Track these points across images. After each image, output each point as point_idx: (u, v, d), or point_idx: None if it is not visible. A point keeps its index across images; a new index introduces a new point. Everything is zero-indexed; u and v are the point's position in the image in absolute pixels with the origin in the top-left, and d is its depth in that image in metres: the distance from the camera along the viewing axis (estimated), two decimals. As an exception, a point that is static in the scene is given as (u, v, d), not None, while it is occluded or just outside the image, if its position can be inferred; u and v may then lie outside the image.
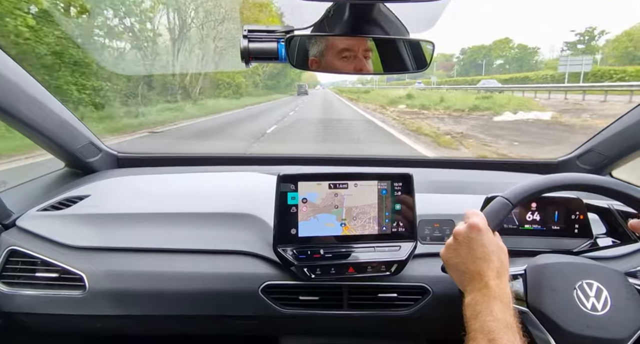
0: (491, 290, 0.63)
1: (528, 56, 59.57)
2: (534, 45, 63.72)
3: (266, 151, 6.70)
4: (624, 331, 0.69)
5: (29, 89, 1.01)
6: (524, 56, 59.61)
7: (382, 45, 0.75)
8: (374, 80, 52.62)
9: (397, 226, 0.93)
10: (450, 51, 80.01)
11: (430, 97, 18.24)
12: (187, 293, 0.94)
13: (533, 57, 59.27)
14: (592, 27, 48.57)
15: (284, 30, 0.73)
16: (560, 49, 58.31)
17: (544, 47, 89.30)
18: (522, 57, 59.41)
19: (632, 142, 1.15)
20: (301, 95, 31.87)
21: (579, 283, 0.73)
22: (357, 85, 60.89)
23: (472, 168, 1.43)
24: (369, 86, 50.27)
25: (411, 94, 20.45)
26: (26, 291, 0.94)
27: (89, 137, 1.26)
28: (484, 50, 62.87)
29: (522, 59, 59.06)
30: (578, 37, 50.13)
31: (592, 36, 48.83)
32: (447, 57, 70.29)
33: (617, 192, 0.74)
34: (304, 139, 8.34)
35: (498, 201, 0.75)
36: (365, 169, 1.27)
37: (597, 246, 0.91)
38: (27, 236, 0.98)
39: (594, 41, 48.43)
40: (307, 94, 33.31)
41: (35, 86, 1.03)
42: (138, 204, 1.09)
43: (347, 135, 8.92)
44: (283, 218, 0.89)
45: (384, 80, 44.73)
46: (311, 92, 40.98)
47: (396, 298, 0.93)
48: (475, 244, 0.68)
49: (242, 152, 4.80)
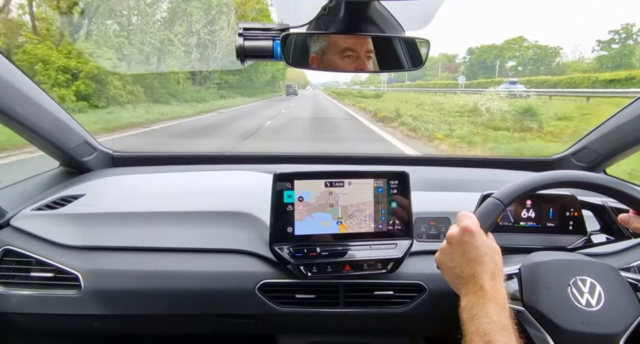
0: (486, 292, 0.64)
1: (549, 57, 52.28)
2: (556, 45, 55.63)
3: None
4: (618, 325, 0.70)
5: (24, 87, 1.00)
6: (545, 57, 52.32)
7: (377, 43, 0.75)
8: (375, 81, 48.30)
9: (393, 223, 0.93)
10: (453, 51, 72.53)
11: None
12: (183, 292, 0.94)
13: (554, 58, 51.84)
14: (630, 24, 40.19)
15: (280, 28, 0.73)
16: (584, 49, 50.78)
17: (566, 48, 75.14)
18: (543, 58, 52.25)
19: (626, 140, 1.16)
20: (290, 95, 30.11)
21: (573, 280, 0.74)
22: (354, 86, 55.73)
23: (468, 166, 1.44)
24: (372, 88, 44.32)
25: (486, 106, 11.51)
26: (21, 291, 0.93)
27: (83, 136, 1.25)
28: (495, 50, 56.15)
29: (541, 60, 52.10)
30: (612, 35, 41.76)
31: (630, 34, 40.92)
32: (449, 58, 64.70)
33: (605, 187, 0.75)
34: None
35: (490, 202, 0.75)
36: (362, 167, 1.28)
37: (591, 242, 0.92)
38: (22, 235, 0.98)
39: (631, 40, 40.72)
40: (296, 95, 31.37)
41: (29, 85, 1.02)
42: (133, 203, 1.09)
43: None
44: (279, 216, 0.89)
45: (384, 82, 39.91)
46: (301, 94, 37.03)
47: (392, 295, 0.94)
48: (468, 247, 0.69)
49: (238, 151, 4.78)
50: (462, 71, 57.47)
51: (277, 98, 27.87)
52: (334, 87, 58.18)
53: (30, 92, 1.03)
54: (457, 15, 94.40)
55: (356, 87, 55.21)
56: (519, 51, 54.40)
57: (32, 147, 1.19)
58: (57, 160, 1.32)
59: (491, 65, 55.60)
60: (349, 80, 56.02)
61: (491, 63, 55.84)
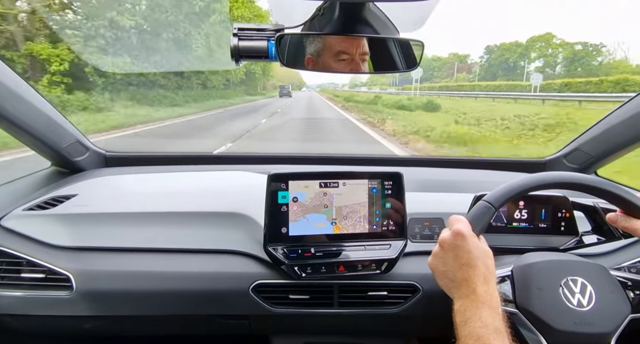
0: (479, 296, 0.64)
1: (589, 56, 44.52)
2: (599, 42, 46.60)
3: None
4: (609, 324, 0.71)
5: (14, 86, 0.99)
6: (585, 56, 44.71)
7: (372, 44, 0.76)
8: (378, 82, 44.69)
9: (388, 224, 0.93)
10: (465, 51, 66.93)
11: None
12: (176, 293, 0.93)
13: (595, 57, 43.65)
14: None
15: (274, 28, 0.73)
16: (630, 47, 40.99)
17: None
18: (583, 56, 44.65)
19: (616, 142, 1.18)
20: (284, 97, 30.23)
21: (564, 280, 0.74)
22: (358, 89, 49.26)
23: (462, 167, 1.45)
24: (375, 89, 37.63)
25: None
26: (11, 292, 0.92)
27: (76, 136, 1.24)
28: (519, 49, 48.55)
29: (581, 59, 44.76)
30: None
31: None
32: (461, 58, 59.06)
33: (594, 188, 0.76)
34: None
35: (481, 205, 0.76)
36: (356, 168, 1.28)
37: (582, 243, 0.93)
38: (12, 236, 0.96)
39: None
40: (290, 97, 31.35)
41: (20, 84, 1.01)
42: (126, 203, 1.08)
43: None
44: (273, 217, 0.89)
45: (390, 84, 34.66)
46: (295, 96, 35.80)
47: (386, 296, 0.94)
48: (460, 251, 0.69)
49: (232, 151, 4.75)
50: (479, 72, 51.03)
51: (255, 104, 20.24)
52: (331, 88, 51.20)
53: (21, 91, 1.01)
54: (468, 13, 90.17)
55: (362, 89, 48.31)
56: (548, 48, 46.04)
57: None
58: (49, 160, 1.30)
59: (514, 66, 48.73)
60: (348, 81, 50.62)
61: (513, 63, 48.94)
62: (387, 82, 33.77)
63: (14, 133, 1.07)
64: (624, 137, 1.15)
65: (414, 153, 6.68)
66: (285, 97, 30.15)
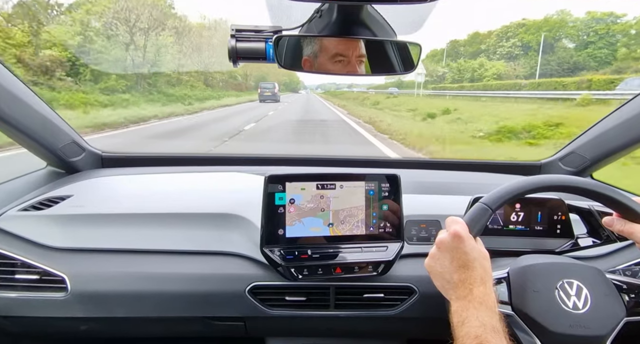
0: (476, 297, 0.64)
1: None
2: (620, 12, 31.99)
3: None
4: (604, 327, 0.71)
5: (10, 86, 0.98)
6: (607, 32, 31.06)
7: (369, 46, 0.76)
8: (380, 82, 39.95)
9: (385, 226, 0.93)
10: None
11: None
12: (172, 295, 0.93)
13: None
14: None
15: (272, 30, 0.73)
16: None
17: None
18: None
19: (612, 145, 1.18)
20: (270, 102, 19.41)
21: (560, 283, 0.75)
22: (371, 90, 38.76)
23: (458, 169, 1.45)
24: (394, 90, 29.80)
25: None
26: (6, 294, 0.91)
27: (72, 136, 1.23)
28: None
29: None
30: None
31: None
32: None
33: (589, 191, 0.76)
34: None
35: (478, 207, 0.76)
36: (353, 169, 1.28)
37: (578, 246, 0.94)
38: (6, 236, 0.96)
39: None
40: (277, 102, 20.01)
41: (16, 84, 1.01)
42: (122, 204, 1.07)
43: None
44: (270, 219, 0.89)
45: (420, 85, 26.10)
46: (292, 99, 25.39)
47: (383, 298, 0.94)
48: (457, 252, 0.69)
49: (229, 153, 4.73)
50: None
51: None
52: (338, 90, 42.74)
53: (17, 90, 1.01)
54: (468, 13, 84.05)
55: (371, 90, 37.59)
56: (574, 29, 33.53)
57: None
58: (44, 160, 1.29)
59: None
60: (350, 82, 43.78)
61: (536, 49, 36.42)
62: (419, 83, 28.39)
63: (8, 133, 1.06)
64: (619, 140, 1.16)
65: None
66: (269, 103, 19.15)
